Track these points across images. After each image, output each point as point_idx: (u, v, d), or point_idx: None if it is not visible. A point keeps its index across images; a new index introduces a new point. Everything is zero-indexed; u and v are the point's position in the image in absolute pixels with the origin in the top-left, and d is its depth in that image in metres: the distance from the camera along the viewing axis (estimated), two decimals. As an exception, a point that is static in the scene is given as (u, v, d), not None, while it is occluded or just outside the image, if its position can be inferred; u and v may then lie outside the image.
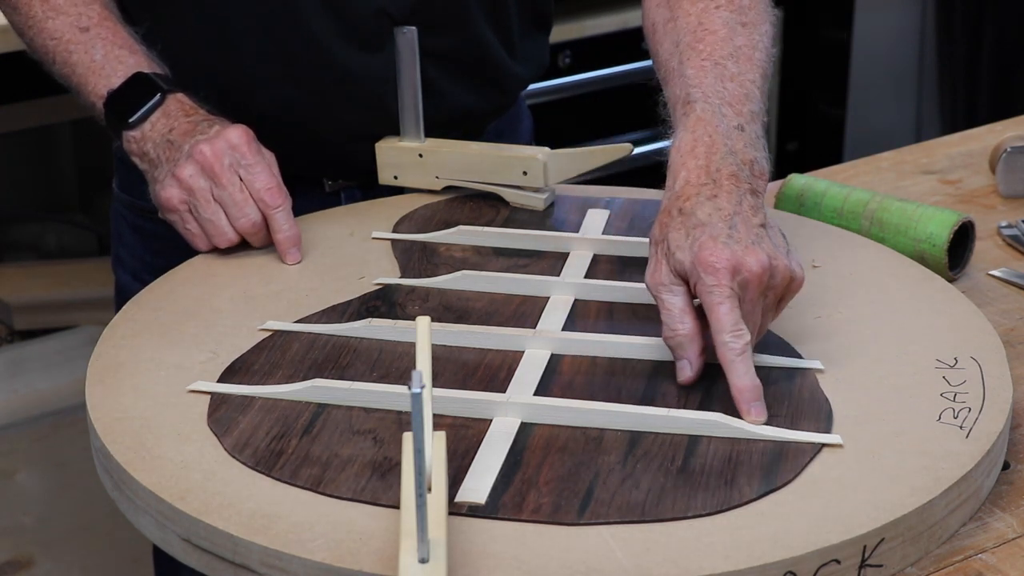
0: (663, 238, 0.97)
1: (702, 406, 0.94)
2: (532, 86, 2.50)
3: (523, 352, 1.01)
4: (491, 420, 0.93)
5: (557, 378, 0.98)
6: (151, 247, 1.33)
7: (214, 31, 1.24)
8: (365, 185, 1.31)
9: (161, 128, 1.17)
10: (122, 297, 1.40)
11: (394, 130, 1.27)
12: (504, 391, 0.96)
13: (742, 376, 0.92)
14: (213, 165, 1.13)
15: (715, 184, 0.98)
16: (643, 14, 1.21)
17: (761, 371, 0.98)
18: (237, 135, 1.14)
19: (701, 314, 0.96)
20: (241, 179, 1.14)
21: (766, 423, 0.92)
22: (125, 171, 1.33)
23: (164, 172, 1.15)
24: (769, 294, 0.96)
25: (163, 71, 1.20)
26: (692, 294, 0.96)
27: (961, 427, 0.92)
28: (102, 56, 1.19)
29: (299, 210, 1.25)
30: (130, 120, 1.17)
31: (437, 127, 1.27)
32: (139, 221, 1.33)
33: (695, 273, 0.94)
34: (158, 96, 1.18)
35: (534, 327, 1.05)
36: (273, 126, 1.24)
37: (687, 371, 0.96)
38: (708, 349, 0.96)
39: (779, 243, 0.97)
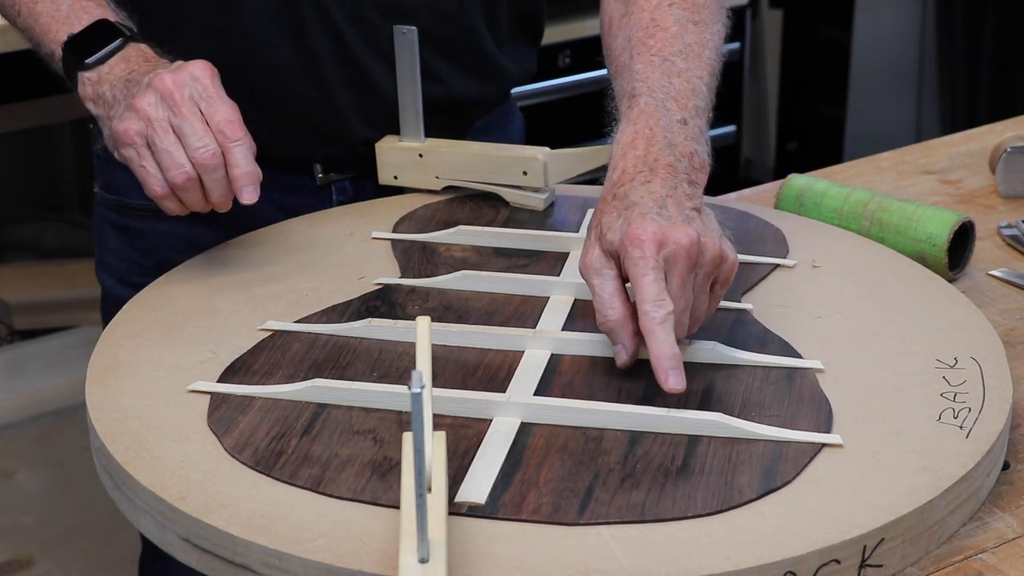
0: (597, 222, 0.98)
1: (702, 406, 0.94)
2: (532, 86, 2.50)
3: (523, 352, 1.01)
4: (491, 420, 0.93)
5: (557, 378, 0.99)
6: (138, 246, 1.33)
7: None
8: (356, 178, 1.31)
9: (119, 71, 1.12)
10: (109, 303, 1.38)
11: (389, 118, 1.27)
12: (504, 391, 0.96)
13: (662, 344, 0.92)
14: (173, 93, 1.07)
15: (651, 172, 0.99)
16: (601, 8, 1.22)
17: (761, 371, 0.99)
18: (200, 68, 1.09)
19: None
20: (201, 112, 1.08)
21: (765, 423, 0.92)
22: (108, 170, 1.33)
23: (122, 108, 1.10)
24: (699, 272, 0.95)
25: (129, 22, 1.17)
26: (624, 277, 0.96)
27: (961, 427, 0.92)
28: (68, 6, 1.16)
29: (291, 203, 1.24)
30: (87, 60, 1.13)
31: (424, 113, 1.28)
32: (124, 220, 1.32)
33: (623, 248, 0.95)
34: (119, 41, 1.14)
35: (534, 327, 1.05)
36: (270, 95, 1.24)
37: (622, 355, 0.96)
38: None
39: (712, 227, 0.98)
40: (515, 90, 1.44)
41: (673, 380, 0.91)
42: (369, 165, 1.31)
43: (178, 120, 1.07)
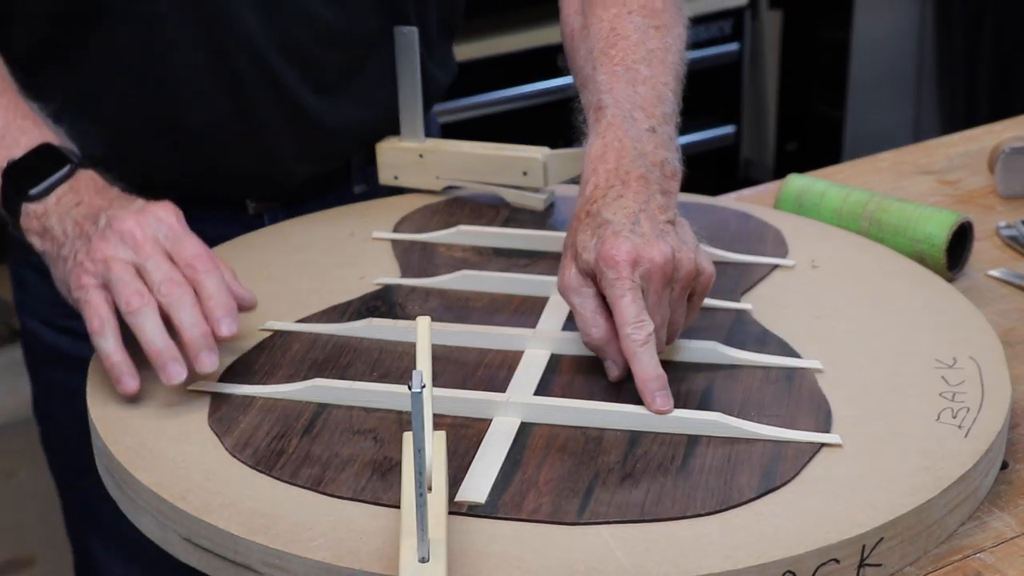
0: (572, 241, 0.98)
1: (702, 406, 0.94)
2: (531, 86, 2.50)
3: (523, 352, 1.02)
4: (491, 420, 0.93)
5: (557, 378, 0.99)
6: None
7: (146, 36, 1.15)
8: (289, 204, 1.27)
9: (68, 203, 1.01)
10: (33, 346, 1.32)
11: (327, 153, 1.25)
12: (504, 391, 0.96)
13: (645, 367, 0.92)
14: (135, 232, 0.97)
15: (623, 185, 0.99)
16: (561, 22, 1.20)
17: (760, 371, 0.99)
18: (164, 210, 0.99)
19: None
20: (167, 252, 0.98)
21: (764, 423, 0.92)
22: None
23: (75, 248, 0.99)
24: (675, 287, 0.95)
25: (71, 145, 1.06)
26: (602, 295, 0.96)
27: (960, 427, 0.92)
28: (3, 125, 1.05)
29: (219, 233, 1.19)
30: (31, 192, 1.02)
31: (350, 138, 1.25)
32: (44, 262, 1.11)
33: (599, 268, 0.95)
34: (67, 168, 1.03)
35: (534, 327, 1.05)
36: (202, 140, 1.19)
37: (614, 370, 0.96)
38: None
39: (687, 239, 0.97)
40: (516, 90, 1.44)
41: (660, 401, 0.92)
42: (303, 195, 1.27)
43: (141, 258, 0.97)
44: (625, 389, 0.97)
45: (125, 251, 0.96)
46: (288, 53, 1.19)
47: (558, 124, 2.49)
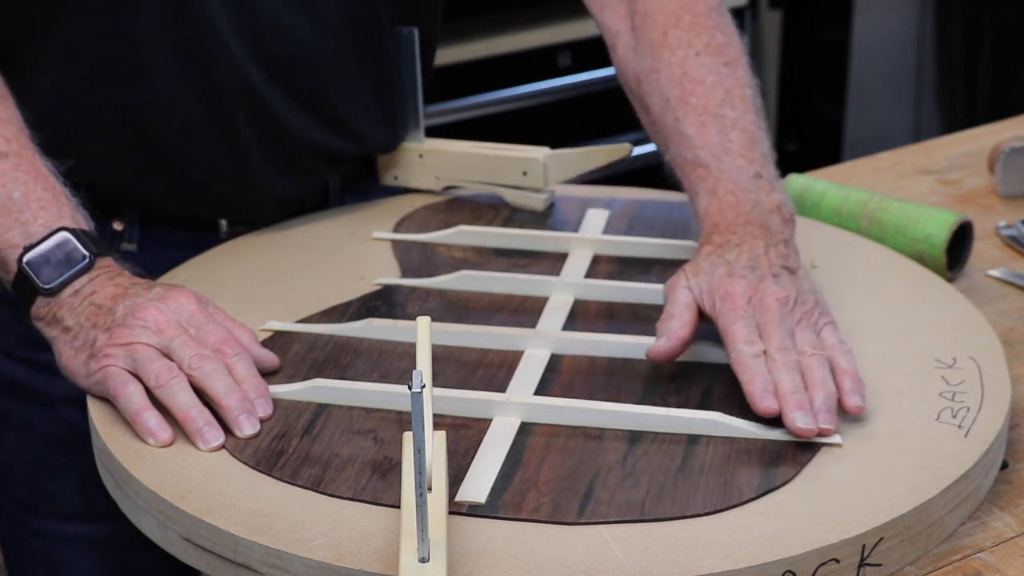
0: (696, 265, 0.99)
1: (702, 406, 0.95)
2: (531, 87, 2.50)
3: (523, 352, 1.02)
4: (491, 420, 0.93)
5: (557, 378, 0.99)
6: (27, 318, 1.12)
7: (116, 35, 1.10)
8: (261, 224, 1.24)
9: (83, 293, 1.00)
10: None
11: (304, 170, 1.21)
12: (504, 391, 0.96)
13: (754, 372, 0.92)
14: (157, 319, 0.96)
15: (744, 231, 1.01)
16: (617, 61, 1.17)
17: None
18: (185, 296, 0.99)
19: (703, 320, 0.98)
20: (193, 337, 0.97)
21: (764, 422, 0.92)
22: None
23: (91, 337, 0.98)
24: (787, 320, 0.95)
25: (87, 221, 1.04)
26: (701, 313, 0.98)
27: (960, 427, 0.92)
28: (22, 195, 1.01)
29: (185, 259, 1.16)
30: (48, 287, 1.00)
31: (339, 157, 1.23)
32: (8, 291, 1.07)
33: (711, 299, 0.96)
34: (85, 262, 1.00)
35: (534, 327, 1.05)
36: (178, 155, 1.15)
37: (663, 343, 0.96)
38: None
39: (805, 286, 0.99)
40: (516, 90, 1.43)
41: (768, 401, 0.91)
42: (279, 218, 1.23)
43: (165, 341, 0.96)
44: (625, 389, 0.97)
45: (149, 336, 0.96)
46: (263, 65, 1.14)
47: (558, 124, 2.50)
